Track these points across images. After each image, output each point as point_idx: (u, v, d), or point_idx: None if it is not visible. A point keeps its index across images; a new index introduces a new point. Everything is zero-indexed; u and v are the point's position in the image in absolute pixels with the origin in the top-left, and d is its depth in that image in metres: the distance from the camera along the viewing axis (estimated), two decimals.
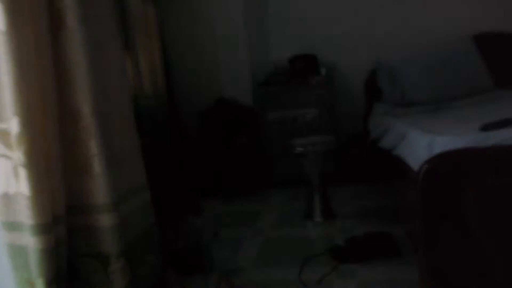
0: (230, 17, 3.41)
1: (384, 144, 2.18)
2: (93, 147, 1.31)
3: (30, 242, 1.18)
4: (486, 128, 1.35)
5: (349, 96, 3.54)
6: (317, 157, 2.40)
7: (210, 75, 3.56)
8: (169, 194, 2.11)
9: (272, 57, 3.63)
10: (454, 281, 1.30)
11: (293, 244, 2.14)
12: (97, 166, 1.32)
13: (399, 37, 3.34)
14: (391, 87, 2.95)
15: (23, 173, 1.19)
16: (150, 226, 1.58)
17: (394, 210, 2.34)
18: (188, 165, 3.13)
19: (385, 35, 3.39)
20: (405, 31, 3.34)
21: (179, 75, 3.59)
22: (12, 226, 1.25)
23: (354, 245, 1.93)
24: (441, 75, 2.81)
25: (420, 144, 1.49)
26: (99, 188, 1.33)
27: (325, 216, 2.42)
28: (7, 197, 1.25)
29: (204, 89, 3.54)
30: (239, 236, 2.28)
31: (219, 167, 3.06)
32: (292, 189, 3.13)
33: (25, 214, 1.19)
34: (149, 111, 3.09)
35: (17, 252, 1.26)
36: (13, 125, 1.18)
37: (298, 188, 2.88)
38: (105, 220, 1.31)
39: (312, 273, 1.75)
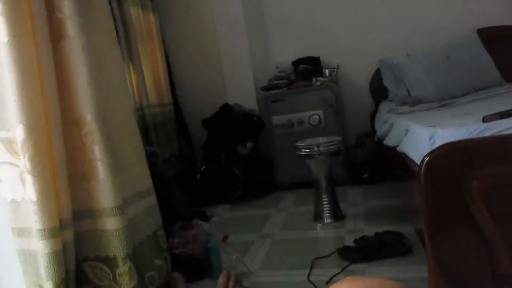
0: (231, 22, 3.45)
1: (389, 142, 2.17)
2: (97, 152, 1.34)
3: (38, 246, 1.21)
4: (486, 119, 1.34)
5: (356, 96, 3.54)
6: (323, 158, 2.39)
7: (213, 82, 3.60)
8: (176, 200, 2.13)
9: (275, 60, 3.66)
10: (463, 275, 1.28)
11: (302, 246, 2.14)
12: (102, 171, 1.34)
13: (401, 34, 3.35)
14: (396, 85, 2.94)
15: (29, 179, 1.22)
16: (156, 230, 1.60)
17: (403, 209, 2.32)
18: (195, 171, 3.16)
19: (387, 33, 3.40)
20: (408, 28, 3.35)
21: (183, 83, 3.64)
22: (21, 232, 1.28)
23: (363, 245, 1.92)
24: (446, 71, 2.79)
25: (422, 138, 1.48)
26: (105, 192, 1.35)
27: (334, 217, 2.41)
28: (15, 203, 1.28)
29: (208, 95, 3.58)
30: (248, 240, 2.28)
31: (226, 173, 3.08)
32: (300, 192, 3.13)
33: (32, 219, 1.22)
34: (156, 119, 3.14)
35: (27, 257, 1.29)
36: (18, 133, 1.21)
37: (306, 191, 2.88)
38: (112, 224, 1.33)
39: (322, 275, 1.74)
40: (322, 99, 3.22)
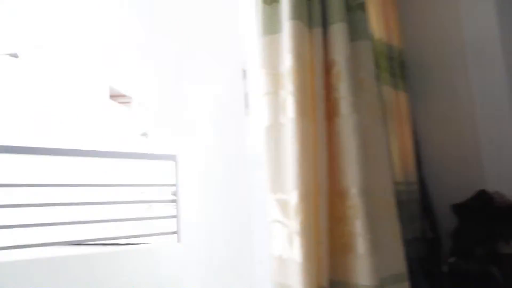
0: (495, 102, 3.03)
1: None
2: (358, 227, 1.35)
3: None
4: None
5: None
6: None
7: (467, 164, 3.17)
8: None
9: None
10: None
11: None
12: (361, 246, 1.34)
13: None
14: None
15: (297, 240, 1.32)
16: None
17: None
18: (440, 260, 2.79)
19: None
20: None
21: (431, 163, 3.38)
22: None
23: None
24: None
25: None
26: (362, 268, 1.32)
27: None
28: (281, 260, 1.40)
29: (459, 178, 3.16)
30: None
31: (482, 271, 2.57)
32: None
33: (294, 279, 1.30)
34: (400, 197, 2.98)
35: None
36: (293, 197, 1.35)
37: None
38: None
39: None
40: None
